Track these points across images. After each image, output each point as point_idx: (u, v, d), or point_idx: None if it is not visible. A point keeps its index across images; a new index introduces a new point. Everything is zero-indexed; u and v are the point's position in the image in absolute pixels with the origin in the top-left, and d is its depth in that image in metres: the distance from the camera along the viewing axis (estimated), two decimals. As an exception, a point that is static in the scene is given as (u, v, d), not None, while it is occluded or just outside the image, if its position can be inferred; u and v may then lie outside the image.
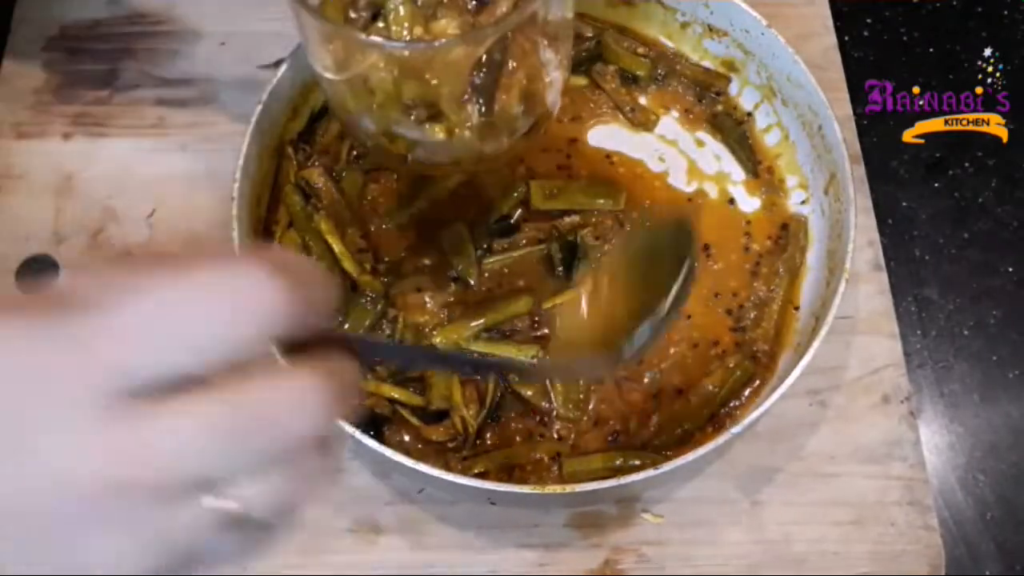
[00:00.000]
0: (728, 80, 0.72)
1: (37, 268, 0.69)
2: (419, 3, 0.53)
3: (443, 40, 0.51)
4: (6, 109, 0.73)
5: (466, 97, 0.51)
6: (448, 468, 0.57)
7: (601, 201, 0.67)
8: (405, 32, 0.51)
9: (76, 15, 0.77)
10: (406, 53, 0.51)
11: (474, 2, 0.53)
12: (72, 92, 0.74)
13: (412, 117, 0.52)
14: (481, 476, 0.55)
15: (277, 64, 0.66)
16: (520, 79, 0.52)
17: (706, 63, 0.73)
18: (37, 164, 0.71)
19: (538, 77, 0.54)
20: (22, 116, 0.73)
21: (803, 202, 0.69)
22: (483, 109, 0.51)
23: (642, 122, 0.71)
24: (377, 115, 0.53)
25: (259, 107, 0.63)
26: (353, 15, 0.53)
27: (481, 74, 0.51)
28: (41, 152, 0.72)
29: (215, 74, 0.75)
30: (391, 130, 0.53)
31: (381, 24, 0.52)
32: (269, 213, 0.67)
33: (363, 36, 0.50)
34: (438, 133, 0.52)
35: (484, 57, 0.50)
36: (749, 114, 0.72)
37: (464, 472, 0.58)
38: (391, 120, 0.53)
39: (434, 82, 0.50)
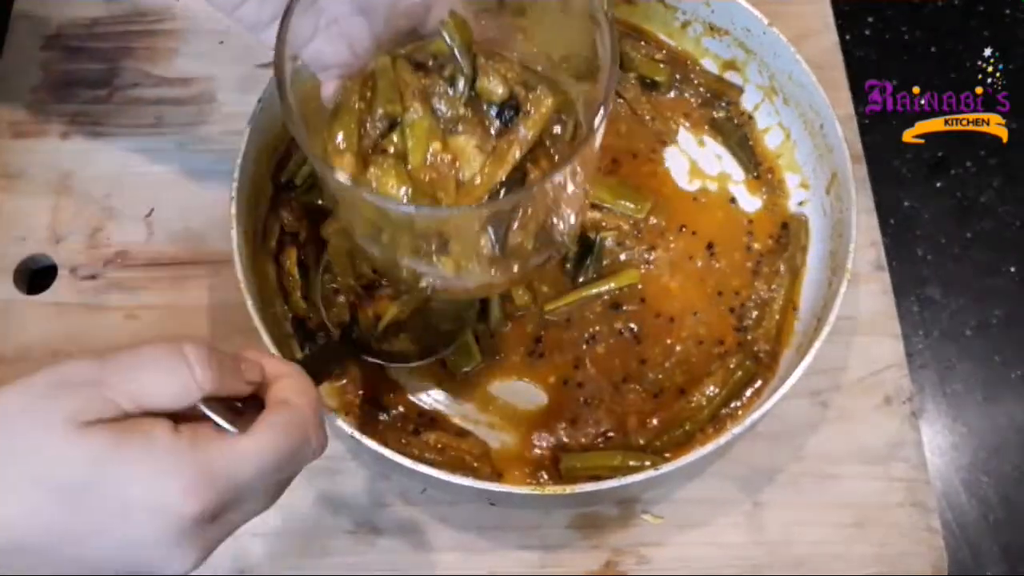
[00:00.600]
0: (740, 91, 0.71)
1: (35, 268, 0.69)
2: (439, 115, 0.51)
3: (457, 209, 0.50)
4: (4, 108, 0.73)
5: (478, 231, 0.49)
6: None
7: (624, 203, 0.67)
8: (424, 150, 0.50)
9: (74, 14, 0.77)
10: (415, 216, 0.48)
11: (497, 120, 0.52)
12: (70, 91, 0.74)
13: (422, 250, 0.50)
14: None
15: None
16: (538, 217, 0.50)
17: (706, 61, 0.72)
18: (35, 163, 0.71)
19: (557, 214, 0.52)
20: (20, 115, 0.73)
21: (804, 202, 0.68)
22: (496, 249, 0.49)
23: (662, 131, 0.70)
24: (386, 245, 0.51)
25: (258, 107, 0.63)
26: (368, 126, 0.52)
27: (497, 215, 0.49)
28: (39, 151, 0.72)
29: (214, 73, 0.74)
30: (399, 261, 0.52)
31: (396, 136, 0.51)
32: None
33: (372, 196, 0.48)
34: (447, 266, 0.50)
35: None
36: (750, 116, 0.71)
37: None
38: (400, 251, 0.51)
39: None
